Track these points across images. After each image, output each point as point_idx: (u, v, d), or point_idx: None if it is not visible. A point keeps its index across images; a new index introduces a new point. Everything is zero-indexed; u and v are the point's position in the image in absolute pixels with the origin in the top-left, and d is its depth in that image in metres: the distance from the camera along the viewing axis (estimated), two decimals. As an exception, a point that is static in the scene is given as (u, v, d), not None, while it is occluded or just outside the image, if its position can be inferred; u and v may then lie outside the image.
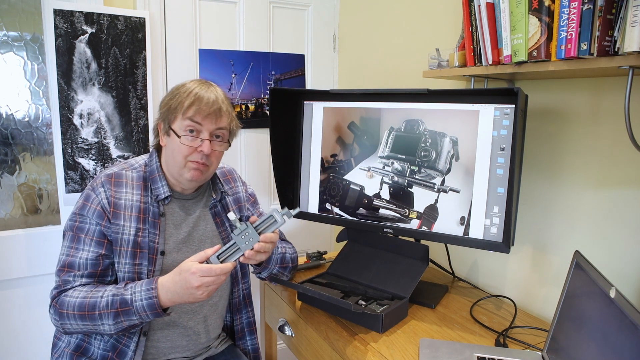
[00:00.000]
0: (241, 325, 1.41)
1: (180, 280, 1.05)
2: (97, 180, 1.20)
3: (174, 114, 1.16)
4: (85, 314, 1.09)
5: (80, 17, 1.62)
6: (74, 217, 1.18)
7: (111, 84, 1.70)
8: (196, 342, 1.27)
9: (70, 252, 1.16)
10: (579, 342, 0.89)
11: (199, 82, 1.21)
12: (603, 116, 1.16)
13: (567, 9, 0.96)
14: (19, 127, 1.72)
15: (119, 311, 1.07)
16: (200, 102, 1.14)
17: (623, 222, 1.13)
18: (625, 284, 1.13)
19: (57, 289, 1.15)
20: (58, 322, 1.12)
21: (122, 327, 1.09)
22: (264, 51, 2.06)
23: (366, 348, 1.10)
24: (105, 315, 1.08)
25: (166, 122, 1.18)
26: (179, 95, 1.17)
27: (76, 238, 1.16)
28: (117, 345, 1.18)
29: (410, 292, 1.27)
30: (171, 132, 1.17)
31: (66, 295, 1.12)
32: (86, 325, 1.10)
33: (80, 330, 1.12)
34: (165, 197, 1.21)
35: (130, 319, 1.07)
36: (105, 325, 1.08)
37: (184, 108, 1.14)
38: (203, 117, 1.15)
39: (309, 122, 1.53)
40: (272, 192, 2.17)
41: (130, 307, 1.07)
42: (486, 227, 1.23)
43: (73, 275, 1.14)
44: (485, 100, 1.20)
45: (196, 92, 1.15)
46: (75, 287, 1.13)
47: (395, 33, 1.87)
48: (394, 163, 1.36)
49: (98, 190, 1.17)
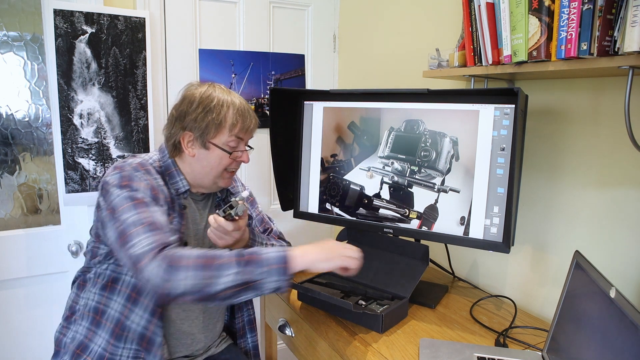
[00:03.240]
0: (242, 323, 1.42)
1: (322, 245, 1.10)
2: (126, 167, 1.15)
3: (217, 129, 1.18)
4: (205, 262, 1.00)
5: (80, 17, 1.62)
6: (121, 191, 1.09)
7: (111, 84, 1.70)
8: (199, 341, 1.28)
9: (144, 215, 1.06)
10: (579, 342, 0.89)
11: (220, 89, 1.22)
12: (603, 116, 1.16)
13: (567, 9, 0.96)
14: (19, 127, 1.72)
15: (246, 259, 1.01)
16: (245, 119, 1.21)
17: (623, 222, 1.13)
18: (625, 284, 1.13)
19: (154, 245, 1.02)
20: (165, 275, 0.99)
21: (243, 280, 1.00)
22: (264, 51, 2.06)
23: (366, 348, 1.10)
24: (227, 266, 1.00)
25: (203, 135, 1.18)
26: (215, 110, 1.17)
27: (141, 204, 1.08)
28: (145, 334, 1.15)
29: (410, 292, 1.27)
30: (211, 146, 1.19)
31: (177, 248, 1.05)
32: (201, 278, 0.99)
33: (189, 285, 0.99)
34: (184, 191, 1.22)
35: (254, 271, 1.00)
36: (228, 275, 0.99)
37: (230, 124, 1.19)
38: (245, 132, 1.22)
39: (309, 122, 1.53)
40: (272, 192, 2.17)
41: (261, 256, 1.02)
42: (486, 227, 1.23)
43: (164, 232, 1.05)
44: (485, 100, 1.20)
45: (235, 106, 1.20)
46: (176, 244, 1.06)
47: (395, 33, 1.87)
48: (394, 163, 1.36)
49: (135, 173, 1.13)
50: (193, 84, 1.24)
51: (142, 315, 1.14)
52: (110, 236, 1.08)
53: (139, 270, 1.00)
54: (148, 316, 1.14)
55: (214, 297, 1.01)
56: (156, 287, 0.99)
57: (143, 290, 1.15)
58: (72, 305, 1.23)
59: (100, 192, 1.14)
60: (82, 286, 1.22)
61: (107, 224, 1.09)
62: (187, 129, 1.18)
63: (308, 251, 1.06)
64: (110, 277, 1.17)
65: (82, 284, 1.22)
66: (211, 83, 1.24)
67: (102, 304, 1.16)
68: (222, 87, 1.23)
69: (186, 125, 1.18)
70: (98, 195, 1.16)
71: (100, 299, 1.16)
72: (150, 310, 1.15)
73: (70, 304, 1.23)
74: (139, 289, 1.15)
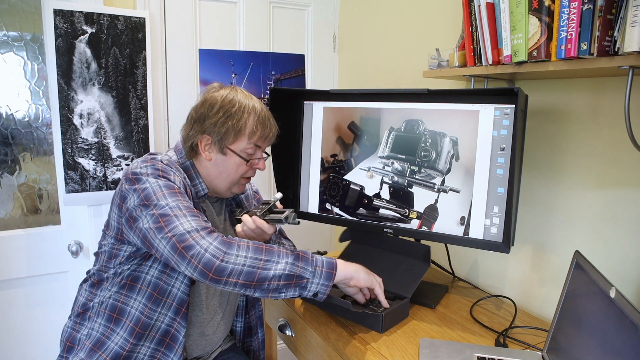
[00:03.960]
0: (255, 321, 1.44)
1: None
2: (158, 162, 1.13)
3: (236, 136, 1.17)
4: (263, 247, 1.02)
5: (80, 17, 1.62)
6: (157, 180, 1.07)
7: (111, 84, 1.70)
8: (212, 343, 1.29)
9: (184, 203, 1.05)
10: (579, 342, 0.89)
11: (242, 93, 1.20)
12: (603, 116, 1.16)
13: (567, 9, 0.96)
14: (19, 127, 1.72)
15: (300, 255, 1.04)
16: (265, 127, 1.19)
17: (623, 222, 1.13)
18: (625, 284, 1.13)
19: (203, 226, 1.01)
20: (222, 247, 0.98)
21: (293, 273, 1.00)
22: (264, 51, 2.06)
23: (366, 348, 1.10)
24: (284, 254, 1.02)
25: (222, 141, 1.16)
26: (236, 116, 1.16)
27: (180, 194, 1.07)
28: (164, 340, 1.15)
29: (411, 292, 1.26)
30: (229, 152, 1.18)
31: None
32: (257, 259, 0.99)
33: (247, 263, 0.98)
34: (203, 195, 1.21)
35: (305, 268, 1.02)
36: (281, 263, 1.00)
37: (249, 131, 1.17)
38: (264, 140, 1.21)
39: (309, 122, 1.53)
40: (272, 192, 2.17)
41: (311, 257, 1.05)
42: (486, 227, 1.23)
43: (206, 221, 1.05)
44: (485, 100, 1.20)
45: (256, 113, 1.18)
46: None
47: (395, 33, 1.87)
48: (394, 163, 1.36)
49: (169, 168, 1.12)
50: (214, 86, 1.22)
51: (166, 314, 1.14)
52: (143, 225, 1.04)
53: (187, 247, 0.97)
54: (172, 315, 1.14)
55: (264, 284, 0.99)
56: (210, 262, 0.96)
57: (165, 290, 1.13)
58: (85, 302, 1.20)
59: (128, 183, 1.09)
60: (97, 284, 1.19)
61: (139, 215, 1.05)
62: (205, 132, 1.17)
63: (349, 264, 1.10)
64: (129, 276, 1.14)
65: (98, 282, 1.19)
66: (233, 87, 1.22)
67: (121, 302, 1.14)
68: (244, 91, 1.22)
69: (205, 128, 1.16)
70: (121, 187, 1.11)
71: (119, 297, 1.14)
72: (174, 310, 1.14)
73: (83, 301, 1.20)
74: (160, 287, 1.13)
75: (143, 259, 1.14)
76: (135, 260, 1.14)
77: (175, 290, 1.14)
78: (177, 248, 0.98)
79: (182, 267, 0.98)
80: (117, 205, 1.12)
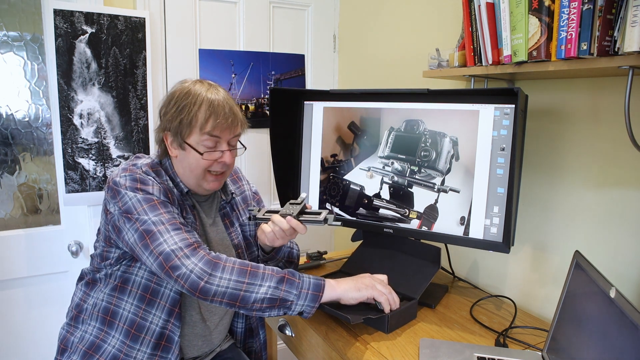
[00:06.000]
0: (256, 322, 1.43)
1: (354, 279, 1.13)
2: (137, 170, 1.11)
3: (188, 128, 1.11)
4: (247, 269, 1.02)
5: (80, 17, 1.62)
6: (135, 194, 1.06)
7: (111, 84, 1.70)
8: (210, 343, 1.28)
9: (166, 216, 1.04)
10: (579, 342, 0.89)
11: (201, 84, 1.14)
12: (603, 116, 1.16)
13: (567, 9, 0.96)
14: (19, 127, 1.72)
15: (285, 277, 1.03)
16: (217, 116, 1.10)
17: (623, 222, 1.13)
18: (625, 284, 1.13)
19: (187, 242, 1.02)
20: (207, 268, 1.00)
21: (276, 297, 1.01)
22: (264, 51, 2.06)
23: (366, 348, 1.10)
24: (268, 277, 1.02)
25: (178, 135, 1.12)
26: (189, 107, 1.10)
27: (160, 205, 1.06)
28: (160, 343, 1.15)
29: (420, 294, 1.26)
30: (187, 147, 1.12)
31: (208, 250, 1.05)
32: (240, 283, 1.00)
33: (227, 287, 0.99)
34: (187, 192, 1.19)
35: (289, 291, 1.03)
36: (264, 287, 1.01)
37: (200, 123, 1.10)
38: (221, 130, 1.12)
39: (309, 122, 1.53)
40: (272, 192, 2.17)
41: (297, 279, 1.04)
42: (486, 227, 1.23)
43: (190, 232, 1.05)
44: (485, 100, 1.20)
45: (208, 102, 1.10)
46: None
47: (395, 33, 1.87)
48: (394, 163, 1.36)
49: (146, 177, 1.10)
50: (183, 80, 1.18)
51: (159, 315, 1.13)
52: (129, 238, 1.05)
53: (173, 267, 0.98)
54: (165, 316, 1.14)
55: (247, 305, 1.02)
56: (195, 283, 0.98)
57: (156, 291, 1.13)
58: (79, 303, 1.20)
59: (110, 193, 1.09)
60: (91, 285, 1.20)
61: (123, 227, 1.06)
62: (166, 129, 1.14)
63: (341, 282, 1.10)
64: (120, 278, 1.15)
65: (92, 283, 1.20)
66: (201, 80, 1.17)
67: (113, 304, 1.14)
68: (209, 83, 1.16)
69: (165, 125, 1.14)
70: (106, 195, 1.11)
71: (111, 300, 1.14)
72: (167, 311, 1.14)
73: (77, 302, 1.21)
74: (151, 289, 1.13)
75: (132, 260, 1.15)
76: (124, 261, 1.15)
77: (168, 290, 1.14)
78: (164, 267, 1.00)
79: (170, 283, 1.01)
80: (104, 210, 1.14)
